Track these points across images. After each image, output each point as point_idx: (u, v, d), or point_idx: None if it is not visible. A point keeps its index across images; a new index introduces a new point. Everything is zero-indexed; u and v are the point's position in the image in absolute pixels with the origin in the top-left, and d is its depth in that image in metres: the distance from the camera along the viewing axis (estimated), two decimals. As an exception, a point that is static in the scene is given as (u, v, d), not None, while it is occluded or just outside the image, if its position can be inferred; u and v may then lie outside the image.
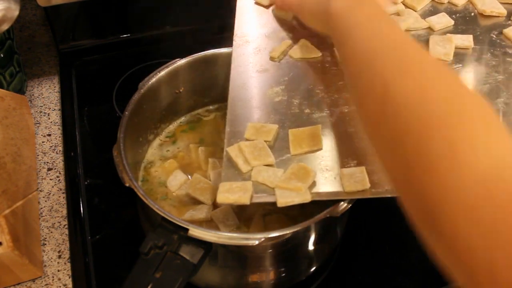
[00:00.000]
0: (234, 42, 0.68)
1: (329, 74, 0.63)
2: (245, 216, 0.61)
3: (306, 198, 0.52)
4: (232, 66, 0.65)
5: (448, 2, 0.72)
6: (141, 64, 0.90)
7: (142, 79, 0.67)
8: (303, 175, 0.53)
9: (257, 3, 0.72)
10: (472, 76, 0.63)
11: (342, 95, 0.61)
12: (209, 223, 0.62)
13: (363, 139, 0.57)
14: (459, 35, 0.66)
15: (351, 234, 0.67)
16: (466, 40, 0.66)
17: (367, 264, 0.66)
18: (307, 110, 0.60)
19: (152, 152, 0.71)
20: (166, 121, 0.74)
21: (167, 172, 0.68)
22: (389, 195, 0.52)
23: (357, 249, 0.68)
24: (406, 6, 0.71)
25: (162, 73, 0.68)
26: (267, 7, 0.71)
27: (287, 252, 0.59)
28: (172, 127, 0.75)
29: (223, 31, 0.74)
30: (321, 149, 0.56)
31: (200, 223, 0.61)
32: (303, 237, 0.59)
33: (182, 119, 0.76)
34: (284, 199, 0.52)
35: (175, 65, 0.69)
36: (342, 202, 0.53)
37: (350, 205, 0.53)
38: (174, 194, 0.65)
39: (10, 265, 0.59)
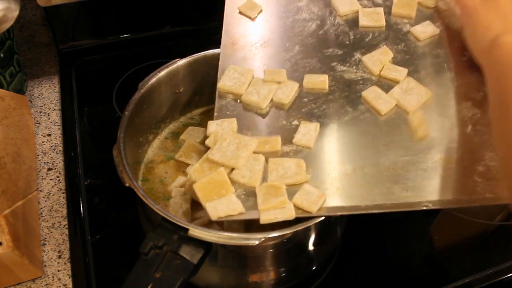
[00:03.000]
0: (221, 51, 0.68)
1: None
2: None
3: (291, 215, 0.51)
4: (219, 74, 0.65)
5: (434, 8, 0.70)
6: (141, 64, 0.90)
7: (142, 79, 0.67)
8: (275, 191, 0.53)
9: (241, 13, 0.72)
10: (464, 82, 0.62)
11: (331, 105, 0.61)
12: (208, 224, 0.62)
13: (352, 152, 0.56)
14: (393, 66, 0.63)
15: (351, 234, 0.67)
16: (397, 72, 0.62)
17: (367, 264, 0.66)
18: (295, 122, 0.60)
19: (152, 152, 0.71)
20: (166, 121, 0.74)
21: (169, 172, 0.68)
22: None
23: (357, 249, 0.68)
24: (401, 16, 0.69)
25: (162, 73, 0.68)
26: (253, 19, 0.71)
27: (287, 252, 0.59)
28: (172, 126, 0.75)
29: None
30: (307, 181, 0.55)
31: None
32: (303, 237, 0.59)
33: (182, 119, 0.76)
34: (267, 216, 0.51)
35: (175, 65, 0.69)
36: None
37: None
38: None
39: (10, 265, 0.59)
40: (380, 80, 0.63)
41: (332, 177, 0.55)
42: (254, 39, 0.69)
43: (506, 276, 0.65)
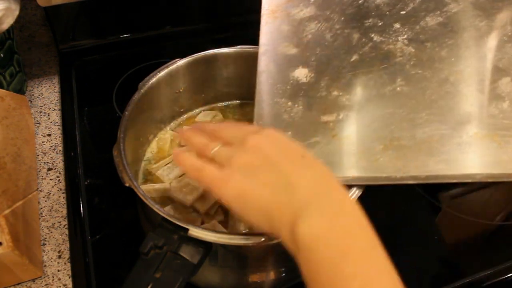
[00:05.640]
0: (262, 19, 0.67)
1: (364, 51, 0.63)
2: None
3: None
4: (260, 43, 0.65)
5: None
6: (141, 64, 0.90)
7: (142, 79, 0.67)
8: None
9: None
10: (504, 57, 0.62)
11: (370, 76, 0.61)
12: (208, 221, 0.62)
13: (389, 124, 0.56)
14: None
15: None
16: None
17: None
18: (335, 93, 0.60)
19: (152, 151, 0.71)
20: (166, 121, 0.74)
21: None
22: None
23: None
24: None
25: (162, 73, 0.68)
26: None
27: (287, 252, 0.59)
28: (173, 125, 0.75)
29: (223, 31, 0.74)
30: None
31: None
32: (303, 237, 0.59)
33: (182, 118, 0.76)
34: None
35: (175, 65, 0.69)
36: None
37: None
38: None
39: (10, 265, 0.59)
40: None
41: (368, 147, 0.55)
42: (294, 8, 0.69)
43: (506, 276, 0.65)
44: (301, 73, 0.62)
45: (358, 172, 0.53)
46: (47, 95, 0.87)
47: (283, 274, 0.61)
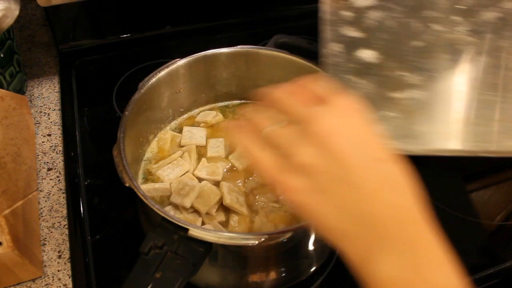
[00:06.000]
0: (323, 6, 0.67)
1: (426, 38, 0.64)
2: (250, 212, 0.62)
3: None
4: (322, 27, 0.65)
5: None
6: (141, 64, 0.90)
7: (142, 79, 0.67)
8: None
9: None
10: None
11: (433, 60, 0.62)
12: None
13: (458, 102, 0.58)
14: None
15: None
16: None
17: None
18: (400, 73, 0.61)
19: (152, 151, 0.71)
20: (166, 121, 0.74)
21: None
22: None
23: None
24: None
25: (162, 73, 0.68)
26: None
27: (287, 252, 0.59)
28: (173, 125, 0.75)
29: (223, 31, 0.74)
30: None
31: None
32: (303, 237, 0.59)
33: (182, 118, 0.76)
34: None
35: (175, 65, 0.69)
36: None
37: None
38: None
39: (10, 265, 0.59)
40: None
41: (440, 120, 0.57)
42: None
43: (506, 276, 0.65)
44: (365, 54, 0.63)
45: (433, 145, 0.55)
46: (47, 95, 0.87)
47: (283, 274, 0.61)
